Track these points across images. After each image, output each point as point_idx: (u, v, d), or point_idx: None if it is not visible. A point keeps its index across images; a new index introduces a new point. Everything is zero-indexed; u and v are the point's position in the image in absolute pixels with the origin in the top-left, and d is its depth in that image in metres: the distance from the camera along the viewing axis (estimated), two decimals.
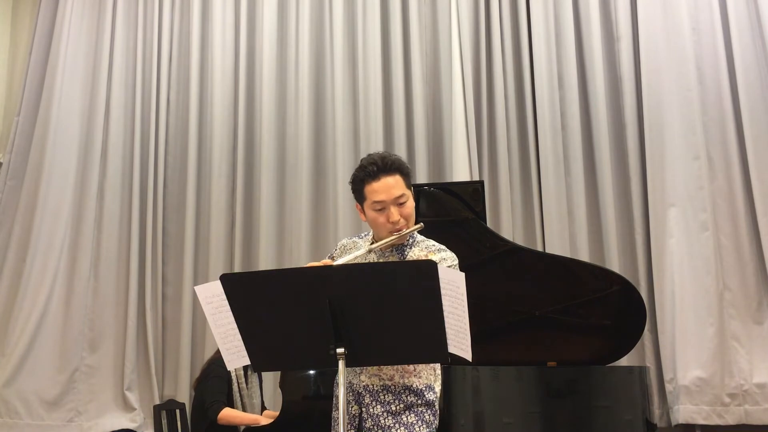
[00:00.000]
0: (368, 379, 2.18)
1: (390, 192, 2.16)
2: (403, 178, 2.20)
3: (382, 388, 2.16)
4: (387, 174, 2.18)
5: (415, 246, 2.26)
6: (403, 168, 2.21)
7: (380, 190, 2.16)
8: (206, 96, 5.65)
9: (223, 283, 1.82)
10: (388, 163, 2.19)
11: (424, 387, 2.17)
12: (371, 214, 2.20)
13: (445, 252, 2.24)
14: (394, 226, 2.18)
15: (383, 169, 2.18)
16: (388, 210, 2.17)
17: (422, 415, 2.15)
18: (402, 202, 2.18)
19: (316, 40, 5.65)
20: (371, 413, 2.16)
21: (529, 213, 5.24)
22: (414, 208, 2.23)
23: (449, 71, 5.42)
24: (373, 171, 2.18)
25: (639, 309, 3.74)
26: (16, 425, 5.04)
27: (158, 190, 5.52)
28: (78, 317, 5.29)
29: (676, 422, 4.71)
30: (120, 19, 5.76)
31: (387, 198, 2.16)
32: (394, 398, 2.15)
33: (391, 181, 2.17)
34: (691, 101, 5.06)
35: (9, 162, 5.55)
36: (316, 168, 5.47)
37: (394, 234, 2.18)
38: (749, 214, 4.92)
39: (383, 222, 2.18)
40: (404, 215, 2.19)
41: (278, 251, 5.35)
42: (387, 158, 2.20)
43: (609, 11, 5.37)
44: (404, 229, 2.19)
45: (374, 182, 2.17)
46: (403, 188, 2.19)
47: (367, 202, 2.20)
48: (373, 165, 2.19)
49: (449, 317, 1.81)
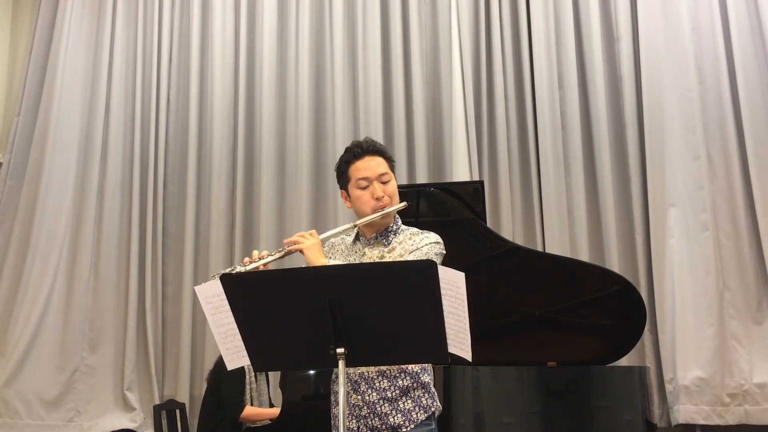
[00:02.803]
0: (363, 367, 2.17)
1: (374, 169, 2.24)
2: (386, 161, 2.29)
3: (377, 374, 2.16)
4: (371, 154, 2.27)
5: (399, 233, 2.29)
6: (386, 153, 2.31)
7: (364, 167, 2.25)
8: (206, 96, 5.65)
9: (223, 283, 1.82)
10: (371, 144, 2.29)
11: (420, 369, 2.17)
12: (356, 192, 2.26)
13: (429, 233, 2.27)
14: (378, 203, 2.22)
15: (367, 150, 2.27)
16: (372, 186, 2.23)
17: (419, 400, 2.15)
18: (385, 181, 2.25)
19: (316, 40, 5.65)
20: (367, 400, 2.15)
21: (529, 213, 5.24)
22: (397, 188, 2.29)
23: (449, 71, 5.42)
24: (358, 152, 2.27)
25: (639, 309, 3.74)
26: (16, 425, 5.04)
27: (158, 190, 5.52)
28: (78, 317, 5.29)
29: (676, 422, 4.71)
30: (120, 19, 5.76)
31: (371, 174, 2.24)
32: (390, 384, 2.14)
33: (375, 160, 2.26)
34: (691, 101, 5.06)
35: (9, 162, 5.55)
36: (316, 168, 5.47)
37: (378, 211, 2.21)
38: (749, 214, 4.92)
39: (368, 199, 2.23)
40: (388, 193, 2.24)
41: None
42: (370, 140, 2.31)
43: (609, 11, 5.37)
44: (387, 207, 2.23)
45: (358, 161, 2.26)
46: (386, 168, 2.27)
47: (352, 182, 2.26)
48: (357, 147, 2.28)
49: (449, 317, 1.80)
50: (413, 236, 2.25)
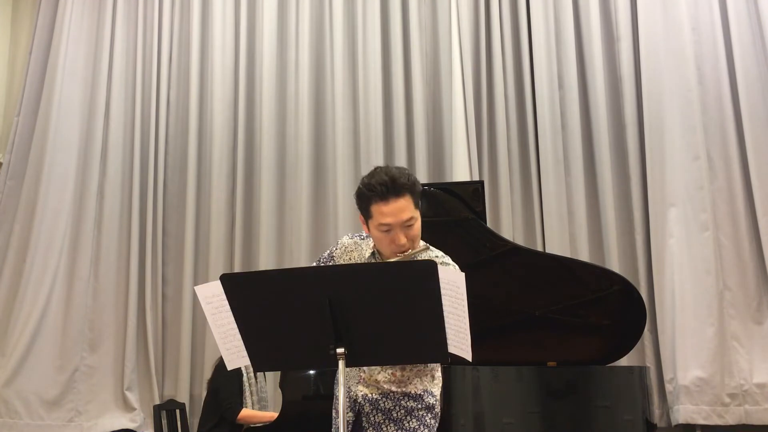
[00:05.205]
0: (366, 389, 2.18)
1: (398, 216, 2.06)
2: (412, 198, 2.10)
3: (381, 396, 2.16)
4: (397, 196, 2.06)
5: (418, 257, 2.19)
6: (413, 188, 2.11)
7: (388, 213, 2.06)
8: (206, 96, 5.64)
9: (223, 283, 1.81)
10: (399, 186, 2.07)
11: (423, 392, 2.17)
12: (376, 233, 2.12)
13: (448, 263, 2.20)
14: (399, 249, 2.10)
15: (393, 191, 2.06)
16: (395, 232, 2.08)
17: (423, 419, 2.15)
18: (410, 225, 2.09)
19: (316, 40, 5.65)
20: (372, 422, 2.16)
21: (529, 213, 5.24)
22: (420, 228, 2.14)
23: (449, 71, 5.42)
24: (383, 192, 2.06)
25: (639, 309, 3.74)
26: (16, 425, 5.04)
27: (158, 190, 5.51)
28: (78, 317, 5.29)
29: (676, 422, 4.71)
30: (120, 19, 5.76)
31: (394, 222, 2.07)
32: (394, 405, 2.15)
33: (400, 204, 2.06)
34: (691, 101, 5.06)
35: (9, 162, 5.55)
36: (316, 168, 5.47)
37: (398, 255, 2.10)
38: (749, 214, 4.92)
39: (388, 243, 2.11)
40: (410, 237, 2.11)
41: (278, 251, 5.35)
42: (397, 180, 2.07)
43: (609, 11, 5.37)
44: (408, 251, 2.11)
45: (382, 204, 2.06)
46: (411, 210, 2.09)
47: (373, 221, 2.11)
48: (383, 186, 2.06)
49: (449, 317, 1.80)
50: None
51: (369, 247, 2.25)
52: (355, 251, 2.27)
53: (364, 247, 2.27)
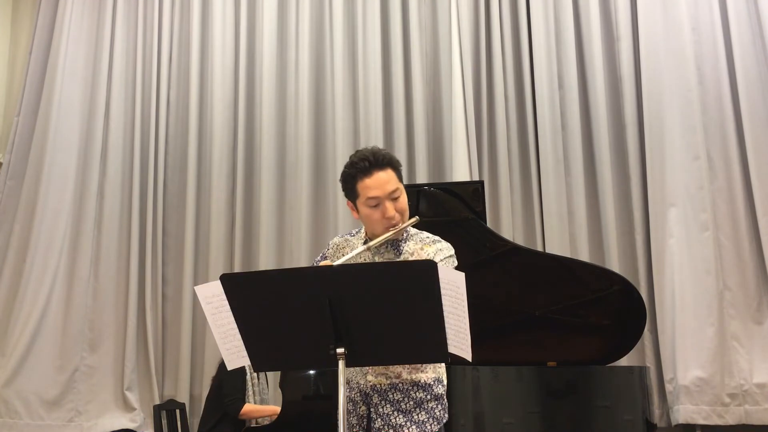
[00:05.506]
0: (375, 379, 2.16)
1: (384, 187, 2.13)
2: (395, 172, 2.17)
3: (389, 387, 2.15)
4: (379, 169, 2.13)
5: (409, 240, 2.23)
6: (394, 162, 2.18)
7: (374, 185, 2.12)
8: (206, 96, 5.65)
9: (223, 283, 1.81)
10: (380, 158, 2.15)
11: (433, 381, 2.16)
12: (365, 210, 2.16)
13: (440, 242, 2.22)
14: (389, 222, 2.14)
15: (375, 164, 2.13)
16: (383, 205, 2.13)
17: (432, 411, 2.15)
18: (396, 197, 2.15)
19: (316, 40, 5.65)
20: (380, 413, 2.14)
21: (529, 213, 5.24)
22: (407, 199, 2.19)
23: (449, 71, 5.42)
24: (365, 167, 2.13)
25: (639, 309, 3.74)
26: (16, 425, 5.04)
27: (158, 190, 5.52)
28: (78, 317, 5.29)
29: (676, 422, 4.71)
30: (120, 19, 5.76)
31: (381, 193, 2.12)
32: (403, 396, 2.14)
33: (384, 176, 2.13)
34: (691, 101, 5.06)
35: (9, 162, 5.55)
36: (316, 168, 5.47)
37: (390, 230, 2.14)
38: (749, 214, 4.92)
39: (378, 218, 2.14)
40: (399, 209, 2.15)
41: (278, 251, 5.35)
42: (378, 153, 2.16)
43: (609, 11, 5.37)
44: (400, 224, 2.16)
45: (367, 178, 2.13)
46: (396, 182, 2.15)
47: (360, 198, 2.16)
48: (364, 161, 2.14)
49: (449, 317, 1.80)
50: (426, 246, 2.20)
51: (360, 238, 2.28)
52: (347, 247, 2.29)
53: (355, 240, 2.29)
